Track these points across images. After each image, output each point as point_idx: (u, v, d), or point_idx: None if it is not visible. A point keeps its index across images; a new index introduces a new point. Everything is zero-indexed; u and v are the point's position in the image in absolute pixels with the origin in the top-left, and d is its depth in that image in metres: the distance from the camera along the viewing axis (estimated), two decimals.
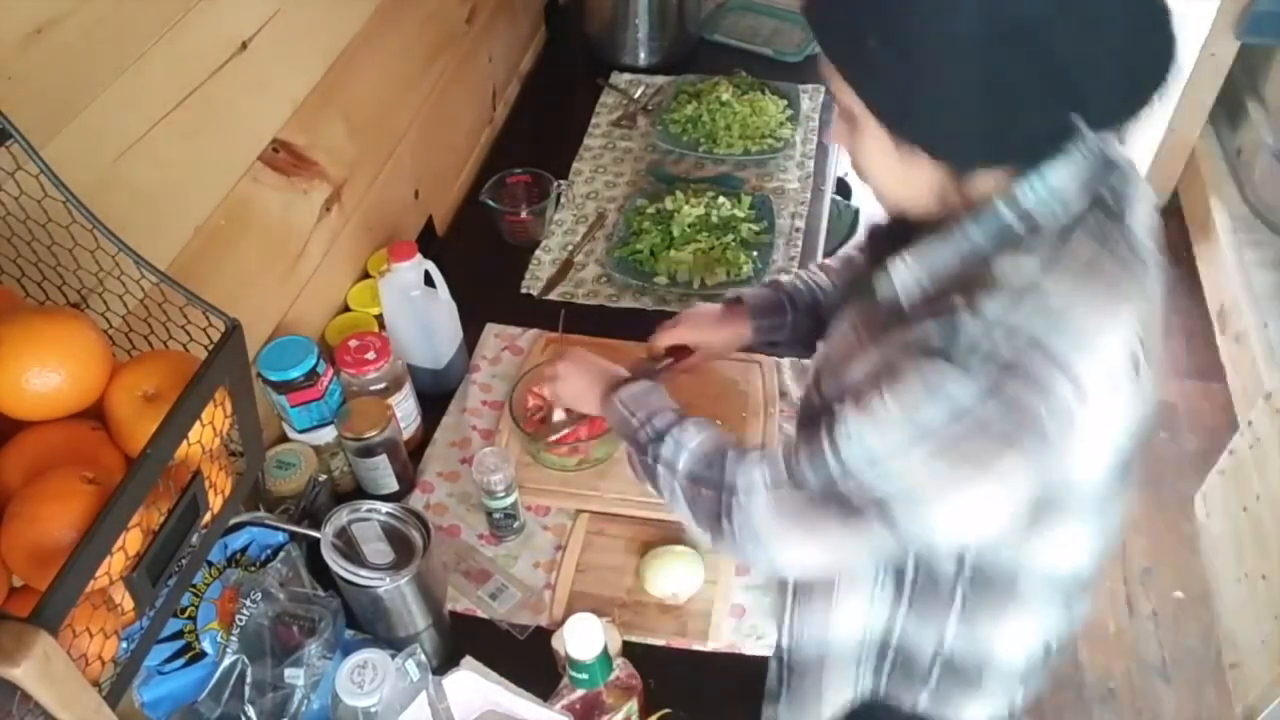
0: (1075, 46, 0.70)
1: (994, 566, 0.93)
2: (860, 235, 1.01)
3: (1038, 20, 0.69)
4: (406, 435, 1.26)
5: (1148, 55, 0.73)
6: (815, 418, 0.88)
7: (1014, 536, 0.86)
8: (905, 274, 0.82)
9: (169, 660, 1.00)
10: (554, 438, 1.20)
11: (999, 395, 0.72)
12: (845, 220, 2.58)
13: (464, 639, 1.08)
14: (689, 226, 1.55)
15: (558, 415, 1.21)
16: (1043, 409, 0.72)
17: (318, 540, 0.98)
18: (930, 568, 0.95)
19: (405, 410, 1.25)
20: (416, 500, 1.24)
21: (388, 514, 1.00)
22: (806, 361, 1.40)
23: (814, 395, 0.94)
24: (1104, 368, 0.74)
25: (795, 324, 1.17)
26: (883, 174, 0.83)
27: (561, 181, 1.65)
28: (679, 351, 1.18)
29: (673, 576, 1.12)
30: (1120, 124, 0.79)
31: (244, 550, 1.09)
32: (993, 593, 0.95)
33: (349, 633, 1.06)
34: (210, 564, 1.07)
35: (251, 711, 0.95)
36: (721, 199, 1.60)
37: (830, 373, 0.90)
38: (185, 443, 0.67)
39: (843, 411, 0.80)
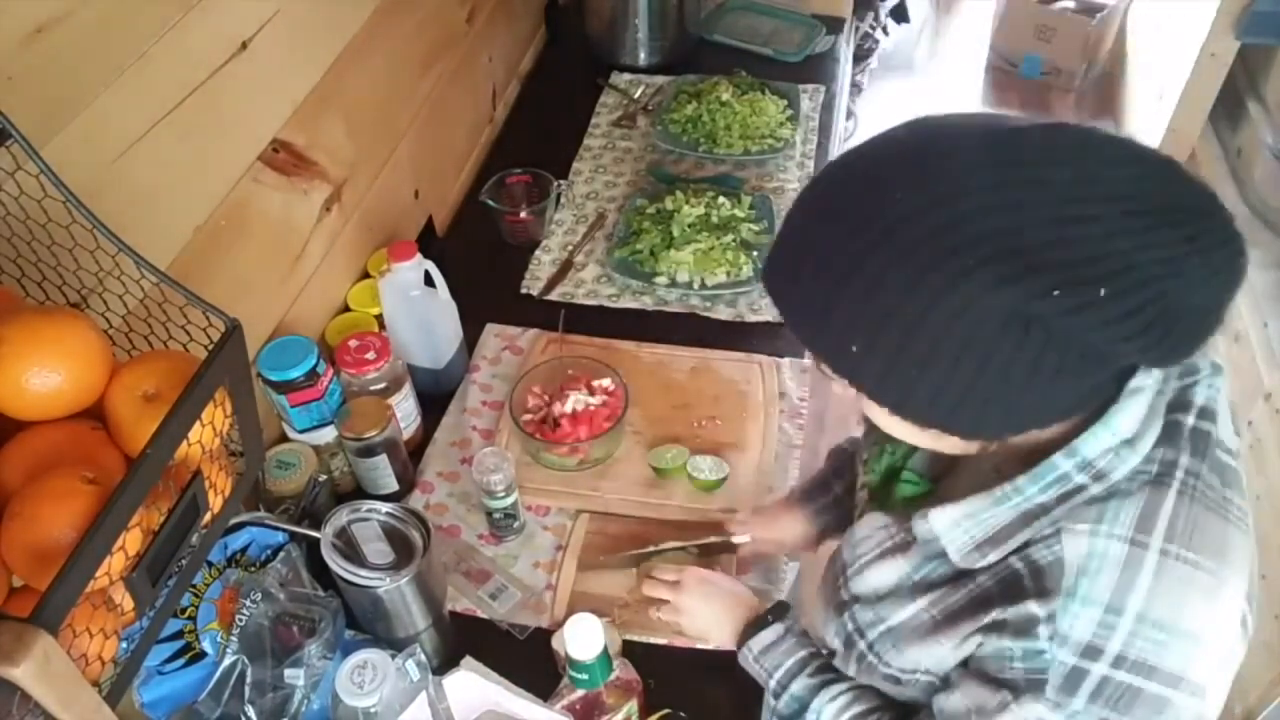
0: (1108, 328, 0.58)
1: None
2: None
3: (1056, 306, 0.57)
4: (406, 435, 1.26)
5: (1204, 297, 0.60)
6: (848, 626, 0.82)
7: None
8: (954, 531, 0.71)
9: (169, 660, 1.00)
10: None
11: None
12: None
13: (464, 639, 1.08)
14: (689, 226, 1.55)
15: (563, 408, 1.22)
16: None
17: (318, 540, 0.98)
18: None
19: (405, 410, 1.25)
20: (416, 500, 1.24)
21: (388, 514, 1.00)
22: (807, 361, 1.40)
23: (842, 591, 0.84)
24: (1220, 652, 0.64)
25: (851, 492, 1.05)
26: (901, 433, 0.71)
27: (561, 181, 1.65)
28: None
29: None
30: (1179, 361, 0.66)
31: (244, 550, 1.09)
32: None
33: (349, 633, 1.06)
34: (210, 564, 1.07)
35: (251, 711, 0.95)
36: (721, 199, 1.60)
37: (863, 582, 0.81)
38: (185, 443, 0.67)
39: None
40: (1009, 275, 0.57)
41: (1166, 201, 0.58)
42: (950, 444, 0.69)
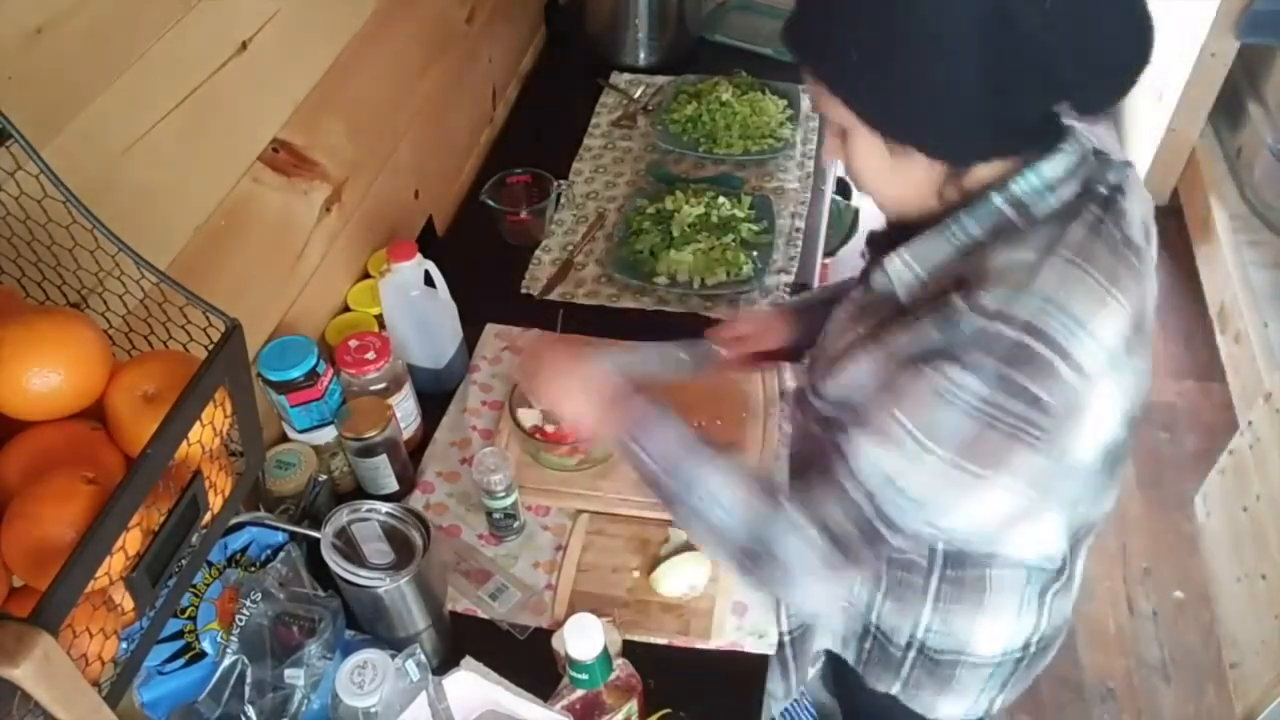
0: (1057, 32, 0.71)
1: (967, 555, 0.95)
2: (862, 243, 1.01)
3: (1019, 9, 0.70)
4: (406, 435, 1.26)
5: (1128, 36, 0.74)
6: (816, 417, 0.89)
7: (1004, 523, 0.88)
8: (901, 268, 0.84)
9: (169, 660, 1.00)
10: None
11: (1006, 385, 0.73)
12: (845, 220, 2.58)
13: (464, 639, 1.08)
14: (689, 226, 1.55)
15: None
16: (1046, 395, 0.73)
17: (318, 540, 0.98)
18: (905, 558, 0.97)
19: (405, 410, 1.25)
20: (416, 500, 1.24)
21: (388, 514, 1.00)
22: (807, 363, 1.40)
23: (809, 390, 0.94)
24: (1101, 350, 0.75)
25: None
26: (880, 179, 0.84)
27: (561, 181, 1.65)
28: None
29: (686, 573, 1.12)
30: (1105, 108, 0.80)
31: (244, 550, 1.09)
32: (965, 582, 0.97)
33: (349, 633, 1.06)
34: (210, 564, 1.07)
35: (251, 711, 0.95)
36: (721, 199, 1.60)
37: (825, 365, 0.91)
38: (185, 443, 0.67)
39: (853, 438, 0.81)
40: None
41: None
42: (916, 185, 0.82)
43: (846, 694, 1.33)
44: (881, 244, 0.96)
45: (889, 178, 0.83)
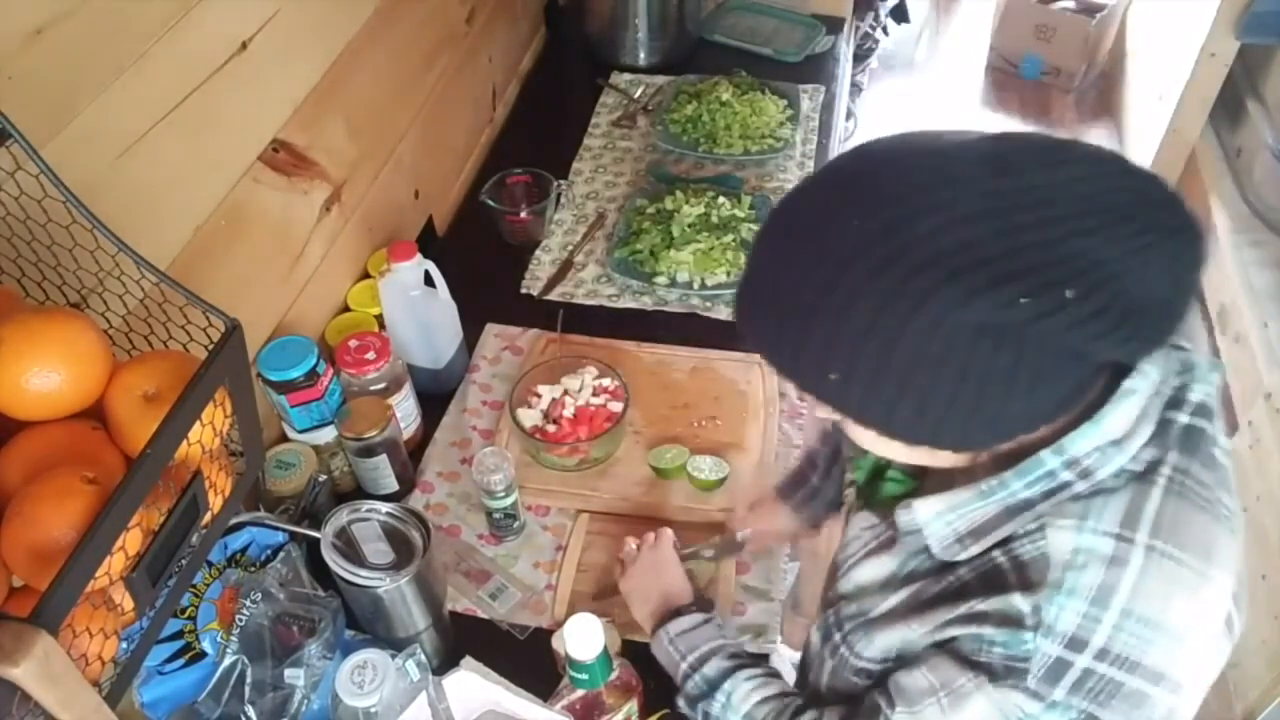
0: (1074, 322, 0.57)
1: None
2: None
3: (1023, 314, 0.57)
4: (406, 435, 1.26)
5: (1178, 285, 0.60)
6: (829, 620, 0.83)
7: None
8: (937, 523, 0.71)
9: (169, 660, 1.00)
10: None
11: None
12: None
13: (464, 639, 1.08)
14: (689, 226, 1.55)
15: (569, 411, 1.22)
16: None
17: (318, 540, 0.98)
18: None
19: (405, 410, 1.25)
20: (416, 500, 1.24)
21: (388, 514, 1.00)
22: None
23: (831, 591, 0.86)
24: (1202, 651, 0.64)
25: (828, 479, 1.09)
26: (888, 452, 0.72)
27: (561, 181, 1.65)
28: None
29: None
30: (1154, 351, 0.65)
31: (244, 550, 1.09)
32: None
33: (349, 633, 1.06)
34: (210, 564, 1.07)
35: (251, 711, 0.95)
36: (721, 199, 1.60)
37: (849, 581, 0.82)
38: (185, 443, 0.67)
39: (895, 715, 0.72)
40: (974, 289, 0.57)
41: (1117, 197, 0.59)
42: (942, 458, 0.69)
43: None
44: None
45: (902, 452, 0.70)
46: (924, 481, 0.81)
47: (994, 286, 0.57)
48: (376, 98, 1.40)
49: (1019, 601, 0.64)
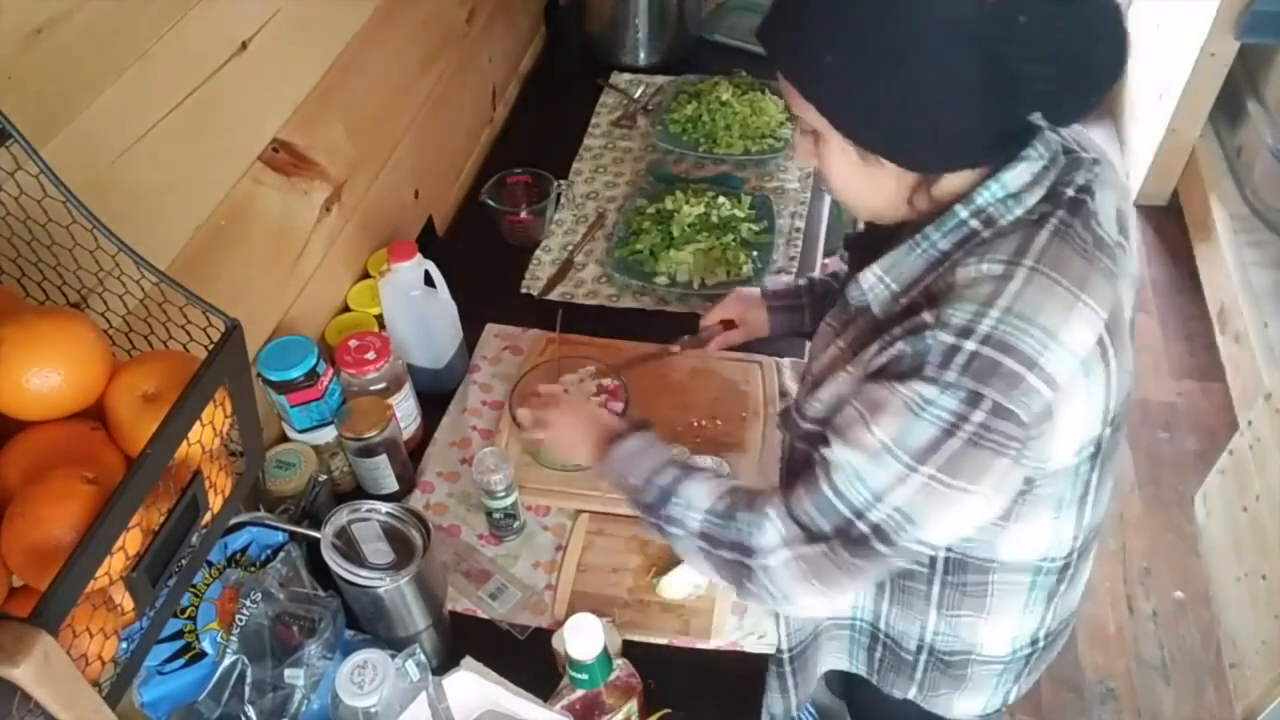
0: (1025, 46, 0.71)
1: (968, 562, 0.96)
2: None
3: (986, 21, 0.70)
4: (406, 435, 1.26)
5: (1103, 52, 0.74)
6: (801, 435, 0.90)
7: (989, 529, 0.88)
8: (874, 282, 0.84)
9: (169, 660, 1.00)
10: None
11: (980, 404, 0.74)
12: (845, 220, 2.58)
13: (464, 639, 1.08)
14: (689, 226, 1.55)
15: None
16: (1016, 407, 0.74)
17: (318, 540, 0.98)
18: (904, 567, 0.97)
19: (405, 410, 1.25)
20: (416, 500, 1.24)
21: (388, 514, 1.00)
22: (805, 361, 1.40)
23: (794, 409, 0.94)
24: (1072, 357, 0.76)
25: (814, 310, 1.19)
26: (850, 186, 0.85)
27: (561, 181, 1.65)
28: (726, 325, 1.25)
29: (691, 575, 1.12)
30: (1076, 120, 0.80)
31: (244, 550, 1.09)
32: (968, 585, 0.98)
33: (349, 633, 1.06)
34: (210, 564, 1.07)
35: (251, 711, 0.95)
36: (721, 199, 1.60)
37: (812, 384, 0.91)
38: (185, 443, 0.67)
39: (834, 451, 0.82)
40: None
41: None
42: (887, 193, 0.83)
43: (863, 706, 1.33)
44: (860, 248, 0.97)
45: (859, 184, 0.84)
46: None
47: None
48: (376, 97, 1.40)
49: (925, 315, 0.77)
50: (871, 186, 0.83)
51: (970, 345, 0.74)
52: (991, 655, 1.05)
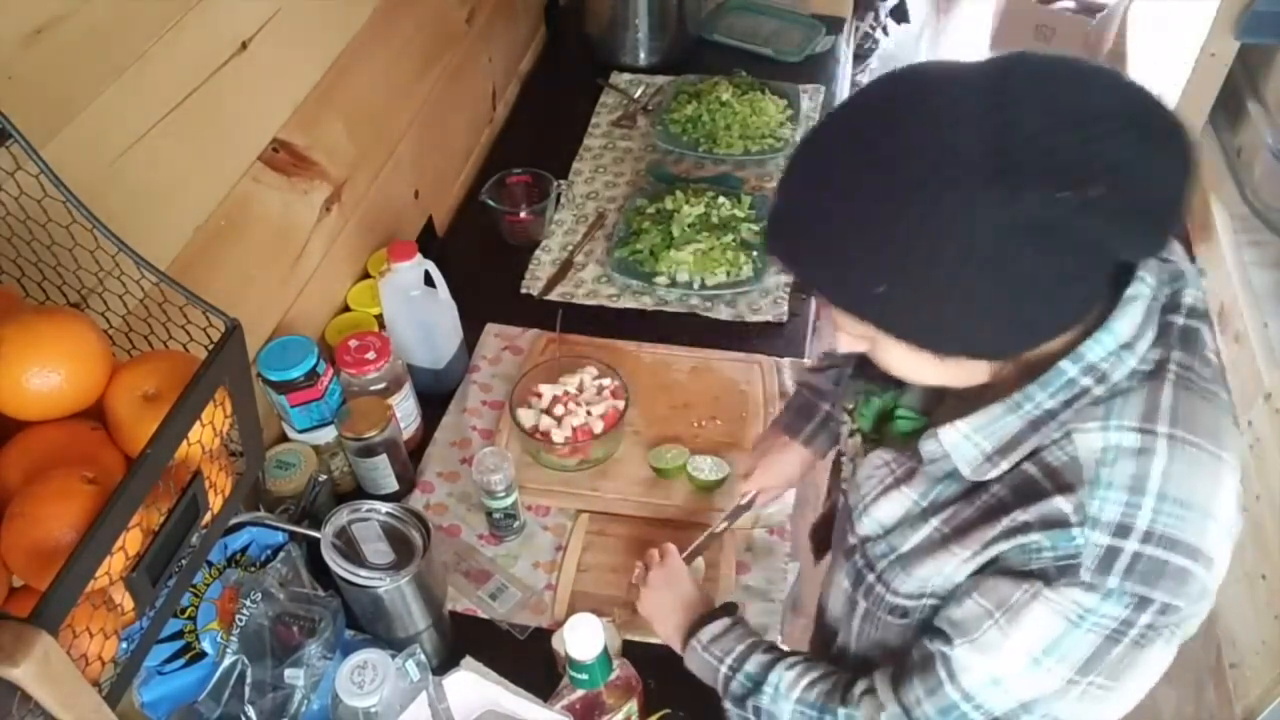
0: (1104, 216, 0.63)
1: None
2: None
3: (1055, 215, 0.62)
4: (406, 435, 1.26)
5: (1173, 183, 0.65)
6: (858, 564, 0.84)
7: None
8: (964, 445, 0.75)
9: (169, 660, 1.00)
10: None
11: (1148, 607, 0.67)
12: None
13: (464, 639, 1.08)
14: (689, 226, 1.55)
15: (557, 436, 1.22)
16: (1182, 601, 0.68)
17: (318, 540, 0.98)
18: None
19: (405, 410, 1.25)
20: (416, 500, 1.24)
21: (388, 514, 1.00)
22: (807, 361, 1.40)
23: (850, 536, 0.87)
24: (1227, 529, 0.69)
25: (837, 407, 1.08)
26: (922, 374, 0.76)
27: (561, 181, 1.65)
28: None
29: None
30: (1157, 253, 0.72)
31: (244, 550, 1.09)
32: None
33: (349, 633, 1.06)
34: (210, 564, 1.07)
35: (251, 711, 0.95)
36: (721, 199, 1.60)
37: (871, 519, 0.83)
38: (185, 443, 0.67)
39: (960, 652, 0.74)
40: (1018, 186, 0.61)
41: (1125, 105, 0.64)
42: (968, 372, 0.73)
43: None
44: (876, 375, 0.85)
45: (932, 373, 0.74)
46: (934, 416, 0.84)
47: (1035, 185, 0.61)
48: (376, 97, 1.40)
49: (1060, 503, 0.68)
50: (952, 374, 0.74)
51: (1132, 546, 0.66)
52: None
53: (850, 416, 0.92)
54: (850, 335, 0.75)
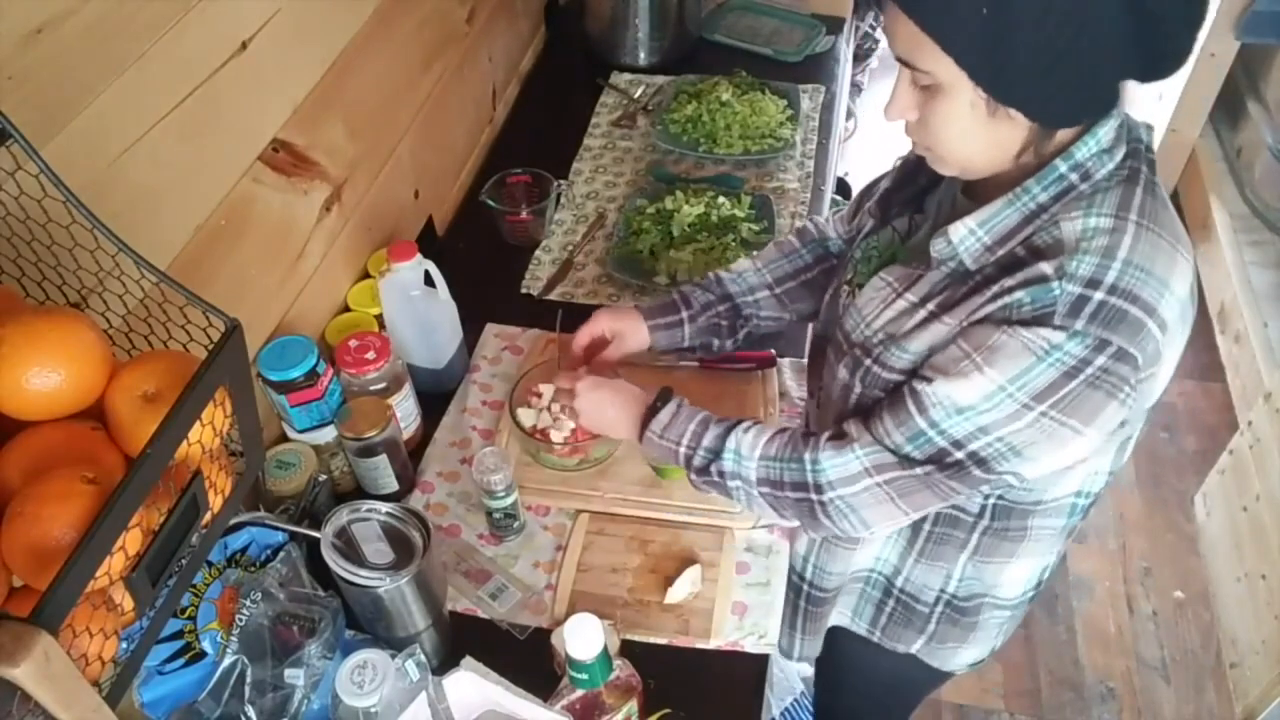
0: (1173, 6, 0.74)
1: (1014, 507, 0.99)
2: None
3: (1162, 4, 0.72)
4: (406, 435, 1.26)
5: (1195, 10, 0.76)
6: (882, 384, 0.92)
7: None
8: (967, 236, 0.86)
9: (169, 660, 1.00)
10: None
11: (1106, 349, 0.78)
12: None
13: (464, 639, 1.08)
14: (689, 226, 1.55)
15: (557, 436, 1.22)
16: (1137, 351, 0.78)
17: (318, 540, 0.98)
18: (955, 510, 1.00)
19: (405, 410, 1.25)
20: (416, 500, 1.24)
21: (388, 514, 1.00)
22: (805, 361, 1.40)
23: (850, 348, 0.96)
24: (1177, 303, 0.81)
25: (695, 322, 1.20)
26: (962, 138, 0.84)
27: (561, 181, 1.65)
28: (598, 346, 1.22)
29: (687, 580, 1.12)
30: (1164, 77, 0.80)
31: (244, 550, 1.09)
32: (1010, 530, 1.01)
33: (349, 633, 1.06)
34: (210, 564, 1.07)
35: (251, 711, 0.95)
36: (721, 199, 1.60)
37: (870, 328, 0.93)
38: (185, 443, 0.67)
39: (933, 386, 0.84)
40: None
41: None
42: (1000, 147, 0.83)
43: (843, 668, 1.35)
44: (898, 203, 0.99)
45: (973, 137, 0.83)
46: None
47: None
48: (376, 98, 1.40)
49: (1044, 267, 0.80)
50: (986, 139, 0.83)
51: (1099, 295, 0.78)
52: (1005, 599, 1.09)
53: (850, 286, 1.02)
54: (906, 99, 0.84)
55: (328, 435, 1.20)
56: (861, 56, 3.16)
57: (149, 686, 0.98)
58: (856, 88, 3.21)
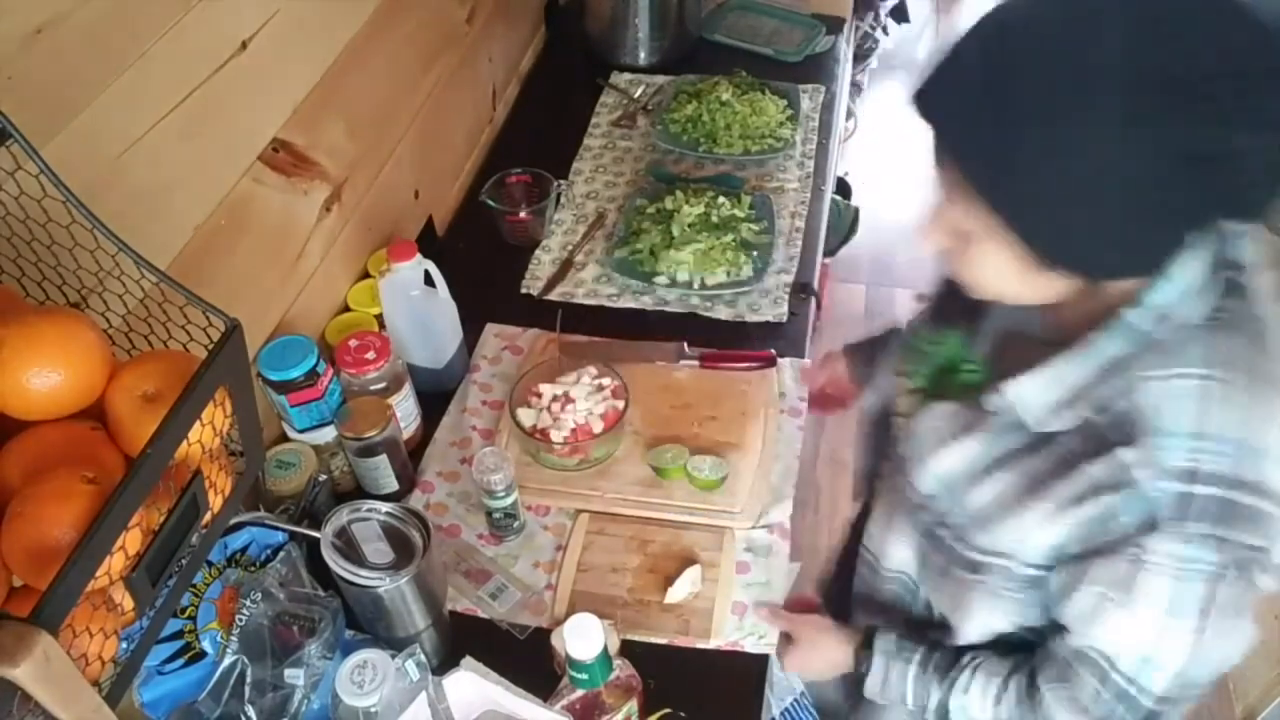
0: (1259, 159, 0.64)
1: None
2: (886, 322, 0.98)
3: (1228, 151, 0.63)
4: (406, 435, 1.26)
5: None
6: (966, 563, 0.86)
7: None
8: (1030, 398, 0.78)
9: (169, 660, 1.00)
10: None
11: (1229, 547, 0.71)
12: (845, 220, 2.58)
13: (464, 639, 1.08)
14: (689, 226, 1.55)
15: (557, 436, 1.22)
16: (1265, 540, 0.71)
17: (318, 540, 0.98)
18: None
19: (405, 410, 1.25)
20: (416, 500, 1.24)
21: (388, 514, 1.00)
22: (806, 361, 1.40)
23: (909, 492, 0.90)
24: None
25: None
26: (1003, 286, 0.77)
27: (561, 181, 1.65)
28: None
29: (687, 579, 1.12)
30: (1260, 218, 0.72)
31: (244, 550, 1.09)
32: None
33: (349, 633, 1.06)
34: (210, 564, 1.07)
35: (251, 711, 0.95)
36: (721, 199, 1.60)
37: (927, 474, 0.87)
38: (185, 443, 0.67)
39: (1098, 644, 0.78)
40: (1206, 117, 0.62)
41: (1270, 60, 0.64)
42: (1044, 290, 0.75)
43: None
44: (955, 311, 0.90)
45: (1014, 286, 0.76)
46: (999, 368, 0.85)
47: (1220, 119, 0.62)
48: (376, 98, 1.40)
49: (1125, 455, 0.71)
50: (1028, 289, 0.76)
51: (1202, 490, 0.70)
52: None
53: (907, 376, 0.94)
54: (943, 232, 0.76)
55: (328, 435, 1.20)
56: (861, 56, 3.16)
57: (149, 686, 0.98)
58: (856, 88, 3.22)
